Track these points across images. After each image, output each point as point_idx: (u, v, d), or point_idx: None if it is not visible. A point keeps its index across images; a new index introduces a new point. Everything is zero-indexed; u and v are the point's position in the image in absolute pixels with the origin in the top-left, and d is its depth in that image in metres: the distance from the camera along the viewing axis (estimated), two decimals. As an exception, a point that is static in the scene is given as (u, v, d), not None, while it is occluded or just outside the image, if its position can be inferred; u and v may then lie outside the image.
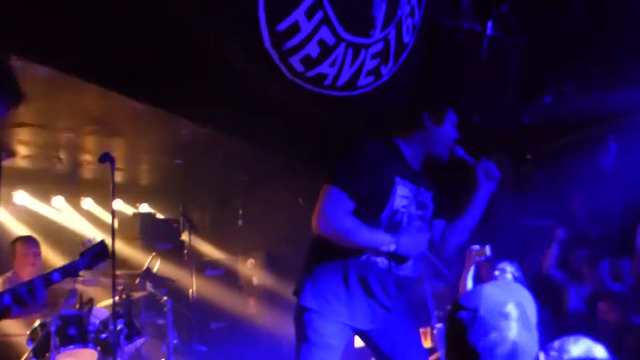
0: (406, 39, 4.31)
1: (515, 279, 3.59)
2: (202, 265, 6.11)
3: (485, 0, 5.34)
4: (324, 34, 3.19)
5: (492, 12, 5.36)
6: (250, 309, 6.54)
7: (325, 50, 3.29)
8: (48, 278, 1.81)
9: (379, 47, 3.89)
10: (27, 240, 4.18)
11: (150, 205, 7.15)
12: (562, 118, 5.93)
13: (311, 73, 3.37)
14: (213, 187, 7.17)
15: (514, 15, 5.49)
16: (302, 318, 2.23)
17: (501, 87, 5.45)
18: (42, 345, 3.12)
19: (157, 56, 3.19)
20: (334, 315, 2.20)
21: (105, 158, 2.79)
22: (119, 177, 6.36)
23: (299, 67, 3.27)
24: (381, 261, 2.24)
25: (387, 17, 3.87)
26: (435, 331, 4.85)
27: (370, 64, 3.88)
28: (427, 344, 4.94)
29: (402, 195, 2.24)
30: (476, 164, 2.38)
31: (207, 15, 2.88)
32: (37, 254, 4.10)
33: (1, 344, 3.41)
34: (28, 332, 3.26)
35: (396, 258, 2.25)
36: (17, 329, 3.46)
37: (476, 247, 3.90)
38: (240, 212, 7.18)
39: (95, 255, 2.12)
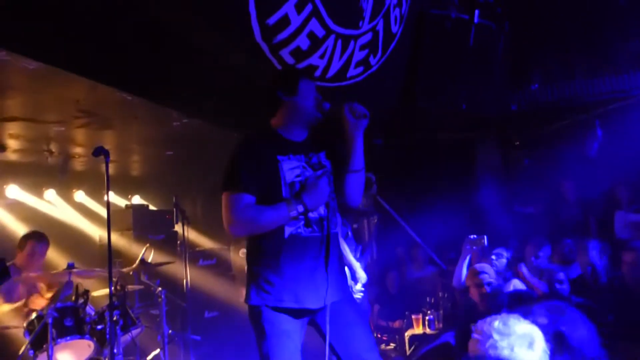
0: (394, 29, 4.35)
1: (509, 263, 3.69)
2: (195, 255, 6.16)
3: (471, -13, 5.38)
4: (314, 26, 3.23)
5: (478, 0, 5.41)
6: (243, 298, 6.60)
7: (315, 42, 3.33)
8: None
9: (367, 38, 3.93)
10: (40, 240, 4.10)
11: (142, 196, 7.17)
12: (549, 105, 6.02)
13: (302, 65, 3.41)
14: (204, 177, 7.19)
15: (500, 3, 5.54)
16: (254, 317, 2.31)
17: (489, 75, 5.51)
18: (39, 337, 3.16)
19: (148, 49, 3.20)
20: (279, 303, 2.28)
21: (99, 152, 2.81)
22: (110, 169, 6.34)
23: (290, 60, 3.31)
24: (304, 229, 2.34)
25: (375, 8, 3.91)
26: (427, 318, 4.96)
27: (360, 55, 3.93)
28: (419, 329, 5.05)
29: (290, 168, 2.36)
30: (341, 109, 2.43)
31: (198, 10, 2.90)
32: (44, 253, 4.08)
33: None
34: (25, 324, 3.29)
35: (315, 219, 2.35)
36: (14, 321, 3.49)
37: (473, 236, 3.98)
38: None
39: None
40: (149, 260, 4.39)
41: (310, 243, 2.34)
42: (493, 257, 4.21)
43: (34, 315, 3.30)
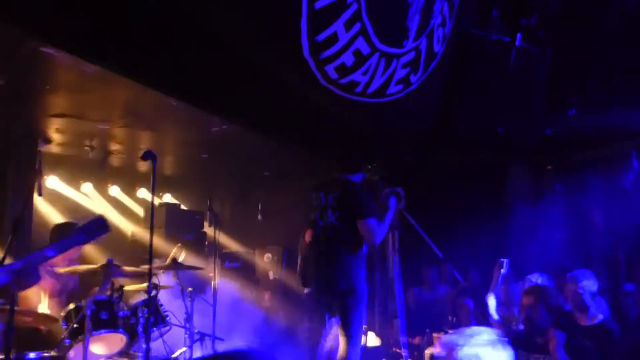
0: (436, 48, 4.39)
1: None
2: (222, 257, 6.26)
3: (514, 11, 5.38)
4: (360, 44, 3.30)
5: (520, 23, 5.41)
6: (265, 302, 6.68)
7: (360, 59, 3.40)
8: (44, 254, 1.87)
9: (410, 56, 3.99)
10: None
11: (173, 195, 7.32)
12: (586, 132, 5.95)
13: (344, 80, 3.49)
14: (234, 180, 7.31)
15: (542, 27, 5.52)
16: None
17: (527, 98, 5.49)
18: (76, 328, 3.27)
19: (196, 57, 3.31)
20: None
21: (148, 156, 2.90)
22: (144, 167, 6.54)
23: (333, 75, 3.38)
24: None
25: (420, 28, 3.96)
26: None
27: (401, 73, 3.98)
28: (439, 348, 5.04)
29: None
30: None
31: (249, 22, 3.00)
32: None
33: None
34: (63, 314, 3.41)
35: None
36: (52, 311, 3.63)
37: (502, 260, 4.07)
38: (260, 206, 7.31)
39: (92, 229, 2.07)
40: (180, 260, 4.49)
41: None
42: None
43: (71, 305, 3.41)
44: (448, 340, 1.83)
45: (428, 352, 5.12)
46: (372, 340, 5.39)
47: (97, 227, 2.05)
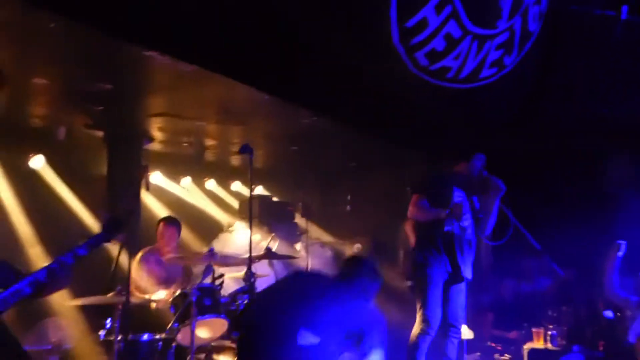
0: (532, 27, 4.17)
1: None
2: (313, 247, 6.36)
3: (619, -19, 4.96)
4: (451, 27, 3.21)
5: (627, -7, 4.98)
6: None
7: (451, 43, 3.31)
8: (76, 253, 1.97)
9: (504, 37, 3.82)
10: (169, 222, 4.49)
11: (265, 187, 7.55)
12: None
13: (435, 66, 3.41)
14: (323, 172, 7.41)
15: (652, -4, 5.05)
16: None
17: (632, 77, 5.07)
18: (183, 313, 3.49)
19: (286, 50, 3.39)
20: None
21: (245, 149, 3.02)
22: (236, 161, 6.82)
23: (424, 61, 3.32)
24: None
25: (514, 6, 3.78)
26: (549, 333, 4.74)
27: (494, 55, 3.82)
28: (539, 344, 4.83)
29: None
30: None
31: (339, 15, 3.01)
32: (174, 234, 4.42)
33: (148, 308, 3.88)
34: (170, 300, 3.66)
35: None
36: (162, 298, 3.92)
37: (620, 242, 3.88)
38: (349, 197, 7.35)
39: (112, 229, 2.22)
40: (274, 250, 4.64)
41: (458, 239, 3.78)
42: None
43: (178, 292, 3.64)
44: None
45: (527, 347, 4.92)
46: (465, 333, 5.27)
47: (116, 226, 2.17)
